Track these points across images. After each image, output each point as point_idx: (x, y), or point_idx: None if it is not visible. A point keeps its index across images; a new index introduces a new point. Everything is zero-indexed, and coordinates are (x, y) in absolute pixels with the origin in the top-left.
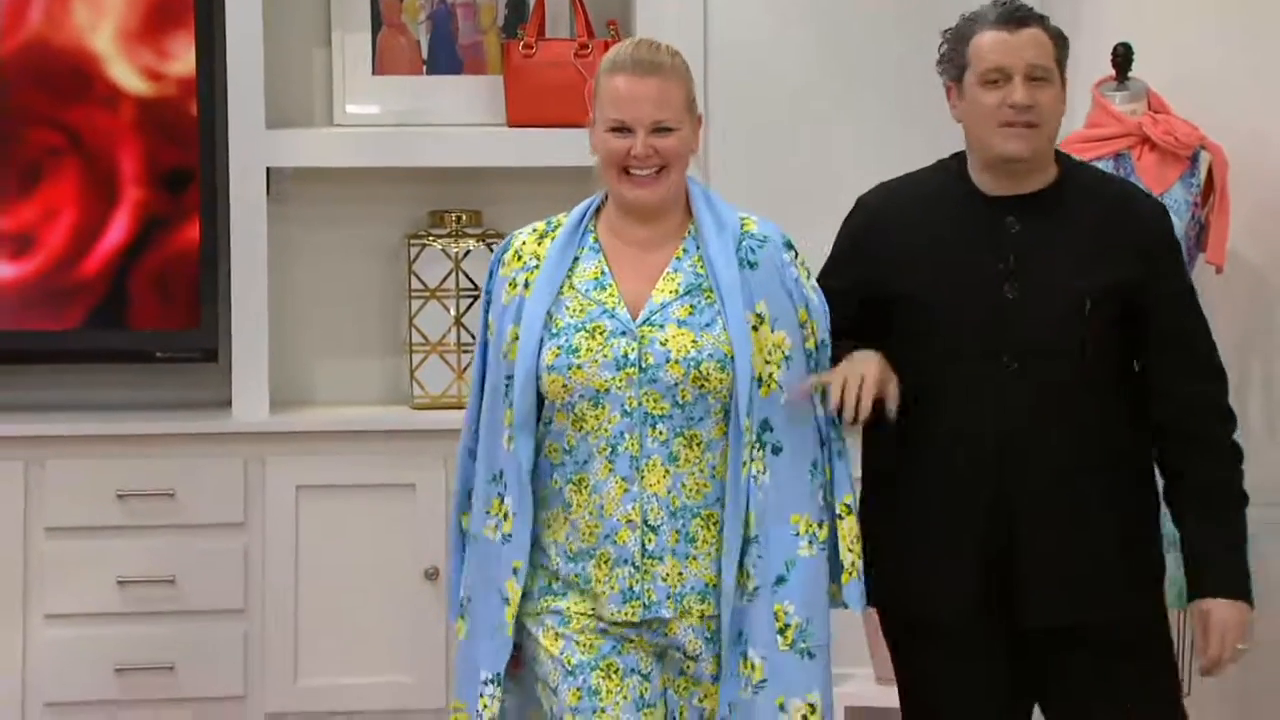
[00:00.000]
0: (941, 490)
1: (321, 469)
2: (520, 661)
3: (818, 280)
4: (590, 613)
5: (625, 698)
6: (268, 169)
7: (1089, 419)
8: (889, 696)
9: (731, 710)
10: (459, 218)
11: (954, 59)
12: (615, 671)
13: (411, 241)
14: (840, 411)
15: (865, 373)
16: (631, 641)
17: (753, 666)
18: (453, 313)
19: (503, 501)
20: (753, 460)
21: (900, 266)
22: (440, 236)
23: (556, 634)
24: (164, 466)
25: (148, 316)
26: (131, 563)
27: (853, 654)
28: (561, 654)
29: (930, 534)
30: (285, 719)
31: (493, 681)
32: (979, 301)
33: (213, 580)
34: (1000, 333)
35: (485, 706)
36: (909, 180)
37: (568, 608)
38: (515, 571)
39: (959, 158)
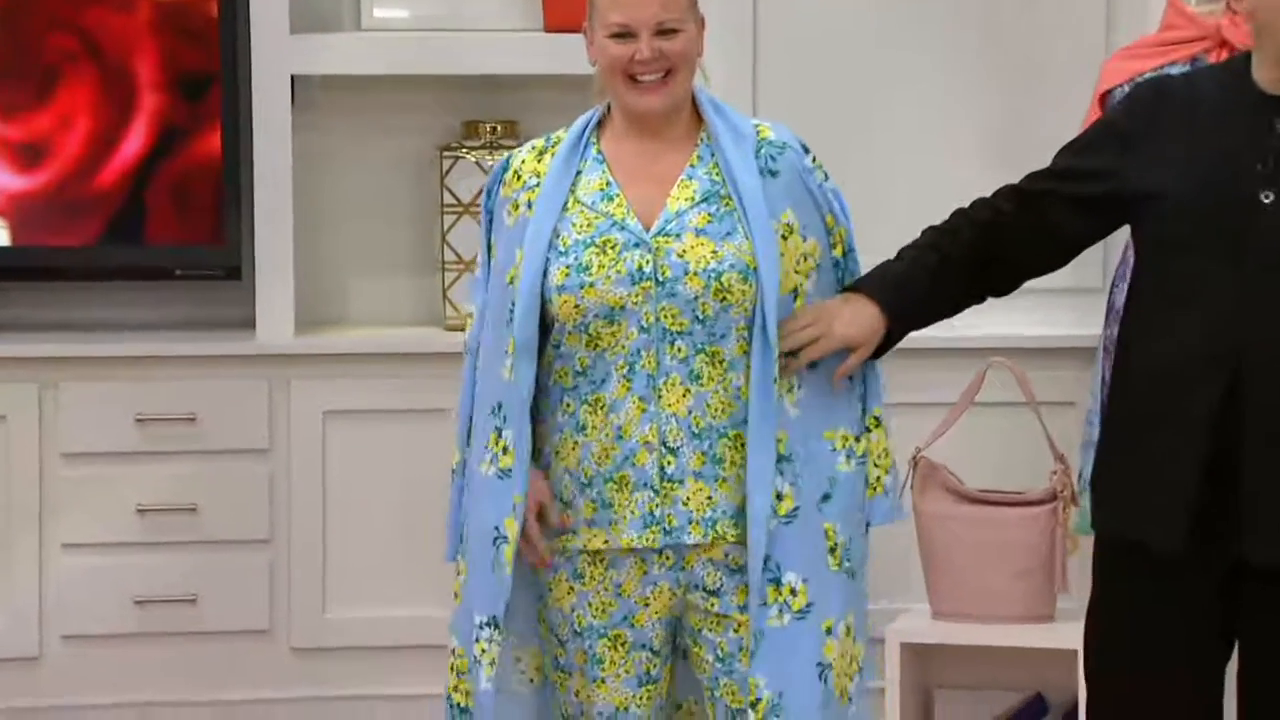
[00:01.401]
0: (1165, 400)
1: (349, 393)
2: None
3: (1056, 155)
4: (604, 559)
5: (629, 671)
6: (292, 76)
7: None
8: (944, 632)
9: (759, 639)
10: (494, 128)
11: None
12: (623, 643)
13: (444, 153)
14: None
15: (830, 333)
16: (648, 604)
17: (792, 591)
18: None
19: (500, 435)
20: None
21: (1153, 160)
22: (474, 148)
23: (570, 587)
24: (184, 389)
25: (167, 231)
26: (151, 490)
27: (910, 589)
28: (573, 611)
29: (1147, 447)
30: (312, 654)
31: (490, 624)
32: (1231, 204)
33: (236, 509)
34: (1250, 239)
35: (484, 651)
36: (1188, 73)
37: (583, 548)
38: (515, 507)
39: (1248, 55)
